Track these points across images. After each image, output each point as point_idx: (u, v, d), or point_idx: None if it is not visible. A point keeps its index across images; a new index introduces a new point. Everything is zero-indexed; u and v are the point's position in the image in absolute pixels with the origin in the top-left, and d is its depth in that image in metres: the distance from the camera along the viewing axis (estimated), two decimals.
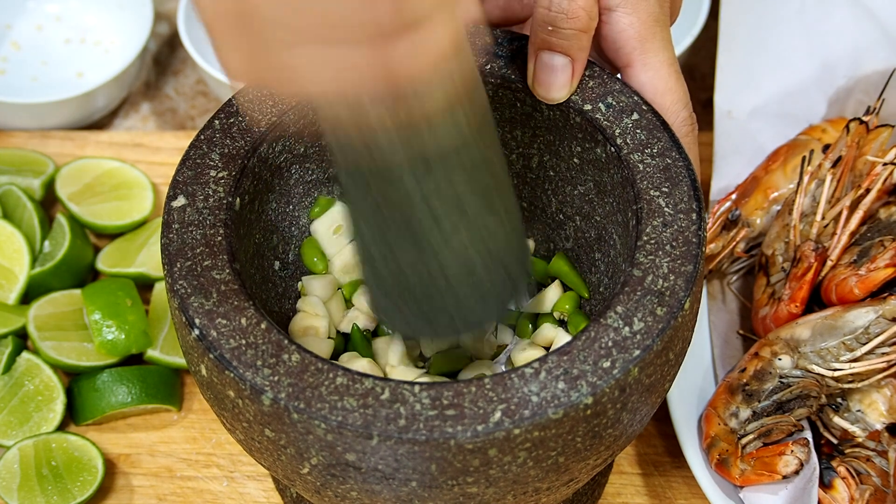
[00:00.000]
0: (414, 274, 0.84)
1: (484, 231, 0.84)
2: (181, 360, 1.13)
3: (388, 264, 0.85)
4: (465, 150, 0.80)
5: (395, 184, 0.80)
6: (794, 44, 1.22)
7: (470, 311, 0.87)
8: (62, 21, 1.42)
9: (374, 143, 0.77)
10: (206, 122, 0.90)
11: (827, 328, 1.02)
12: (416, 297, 0.86)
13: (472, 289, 0.86)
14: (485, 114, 0.82)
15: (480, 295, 0.86)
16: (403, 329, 0.91)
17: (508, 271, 0.87)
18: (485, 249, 0.84)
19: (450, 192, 0.81)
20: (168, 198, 0.87)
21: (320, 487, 0.83)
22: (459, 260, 0.84)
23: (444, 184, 0.80)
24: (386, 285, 0.87)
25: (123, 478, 1.10)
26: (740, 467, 1.00)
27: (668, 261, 0.83)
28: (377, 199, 0.81)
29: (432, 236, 0.82)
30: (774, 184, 1.14)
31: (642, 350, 0.80)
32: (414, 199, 0.80)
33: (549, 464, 0.81)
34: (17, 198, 1.22)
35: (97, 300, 1.12)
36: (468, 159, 0.81)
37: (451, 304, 0.86)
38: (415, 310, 0.87)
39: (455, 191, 0.81)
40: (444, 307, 0.86)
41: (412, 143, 0.77)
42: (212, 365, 0.81)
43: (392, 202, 0.81)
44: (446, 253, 0.83)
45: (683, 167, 0.87)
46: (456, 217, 0.82)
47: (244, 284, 0.84)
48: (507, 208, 0.86)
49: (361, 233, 0.85)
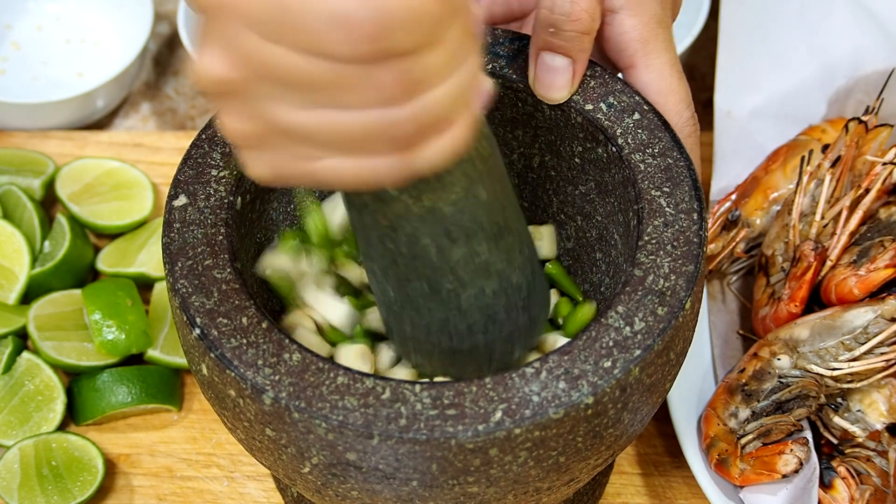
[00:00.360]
0: (440, 329, 0.87)
1: (506, 285, 0.86)
2: (182, 359, 1.13)
3: (413, 320, 0.87)
4: (485, 218, 0.82)
5: (420, 254, 0.82)
6: (794, 44, 1.22)
7: (494, 354, 0.89)
8: (62, 21, 1.42)
9: (398, 224, 0.80)
10: (207, 122, 0.90)
11: (826, 328, 1.02)
12: (442, 348, 0.88)
13: (497, 336, 0.88)
14: (500, 173, 0.84)
15: (504, 340, 0.88)
16: (428, 371, 0.92)
17: (530, 314, 0.89)
18: (507, 301, 0.87)
19: (473, 258, 0.83)
20: (169, 197, 0.87)
21: (321, 487, 0.83)
22: (483, 314, 0.86)
23: (467, 250, 0.82)
24: (410, 337, 0.89)
25: (123, 478, 1.10)
26: (740, 467, 1.00)
27: (669, 261, 0.83)
28: (401, 266, 0.83)
29: (457, 296, 0.85)
30: (774, 184, 1.14)
31: (643, 350, 0.80)
32: (439, 266, 0.83)
33: (549, 463, 0.80)
34: (17, 198, 1.22)
35: (97, 300, 1.12)
36: (489, 226, 0.82)
37: (476, 352, 0.88)
38: (443, 358, 0.89)
39: (478, 255, 0.83)
40: (469, 355, 0.88)
41: (435, 219, 0.80)
42: (213, 364, 0.81)
43: (417, 270, 0.83)
44: (471, 310, 0.85)
45: (684, 167, 0.87)
46: (479, 278, 0.84)
47: (245, 284, 0.84)
48: (526, 257, 0.88)
49: (384, 291, 0.87)
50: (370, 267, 0.86)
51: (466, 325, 0.86)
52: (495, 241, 0.84)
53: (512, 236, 0.85)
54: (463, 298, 0.85)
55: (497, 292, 0.86)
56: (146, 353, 1.14)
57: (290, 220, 0.96)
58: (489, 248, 0.83)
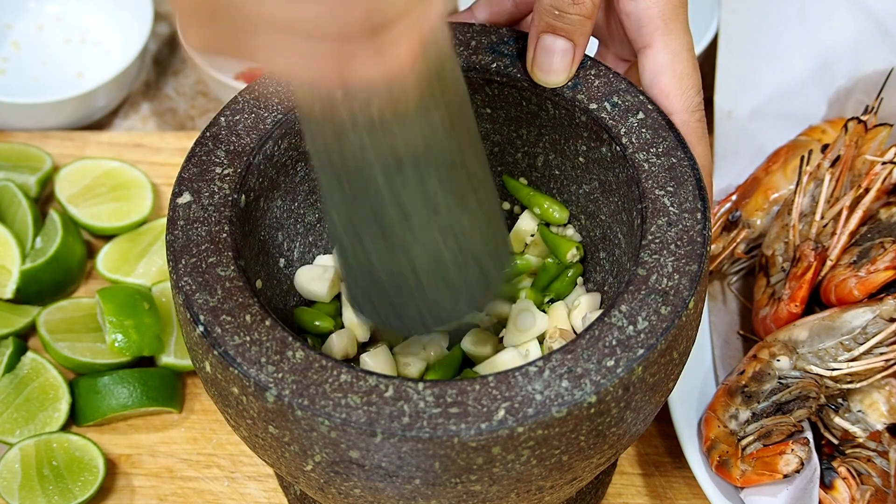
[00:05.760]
0: (383, 267, 0.84)
1: (457, 229, 0.83)
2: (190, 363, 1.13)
3: (357, 255, 0.84)
4: (438, 149, 0.79)
5: (365, 179, 0.79)
6: (794, 44, 1.22)
7: (440, 306, 0.86)
8: (62, 21, 1.42)
9: (344, 137, 0.77)
10: (211, 120, 0.90)
11: (825, 329, 1.02)
12: (385, 289, 0.85)
13: (443, 285, 0.85)
14: (463, 111, 0.82)
15: (451, 291, 0.85)
16: (374, 318, 0.90)
17: (483, 268, 0.86)
18: (457, 247, 0.84)
19: (421, 190, 0.80)
20: (173, 194, 0.87)
21: (324, 485, 0.82)
22: (429, 256, 0.83)
23: (415, 182, 0.80)
24: (356, 275, 0.86)
25: (124, 478, 1.10)
26: (741, 468, 1.00)
27: (672, 260, 0.83)
28: (347, 190, 0.81)
29: (402, 232, 0.82)
30: (775, 185, 1.15)
31: (646, 349, 0.80)
32: (384, 196, 0.80)
33: (552, 462, 0.80)
34: (12, 194, 1.22)
35: (115, 300, 1.12)
36: (441, 158, 0.80)
37: (420, 299, 0.85)
38: (384, 301, 0.86)
39: (426, 189, 0.80)
40: (413, 301, 0.85)
41: (383, 141, 0.77)
42: (216, 361, 0.81)
43: (362, 196, 0.80)
44: (416, 249, 0.82)
45: (689, 166, 0.87)
46: (427, 214, 0.81)
47: (249, 281, 0.84)
48: (484, 205, 0.85)
49: (332, 221, 0.84)
50: (322, 193, 0.84)
51: (410, 265, 0.83)
52: (446, 171, 0.81)
53: (467, 177, 0.83)
54: (408, 233, 0.82)
55: (445, 234, 0.83)
56: (160, 360, 1.14)
57: (295, 217, 0.96)
58: (438, 177, 0.81)
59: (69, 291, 1.21)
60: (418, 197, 0.80)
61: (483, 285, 0.87)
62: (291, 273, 0.97)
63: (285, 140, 0.92)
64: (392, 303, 0.86)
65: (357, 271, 0.86)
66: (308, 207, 0.97)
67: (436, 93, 0.77)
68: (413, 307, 0.85)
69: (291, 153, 0.93)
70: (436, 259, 0.83)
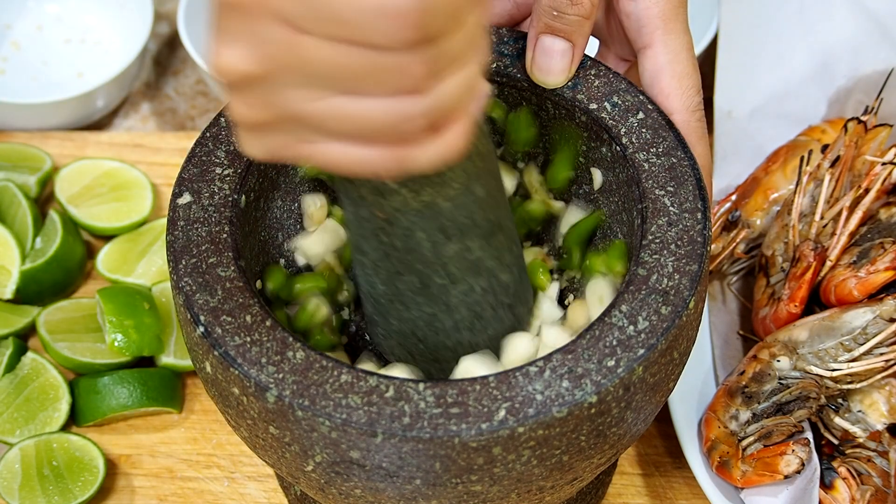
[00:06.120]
0: (426, 325, 0.87)
1: (496, 287, 0.86)
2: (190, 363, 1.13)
3: (402, 319, 0.87)
4: (480, 216, 0.82)
5: (414, 249, 0.82)
6: (794, 44, 1.22)
7: (474, 349, 0.89)
8: (62, 21, 1.42)
9: (395, 219, 0.80)
10: (212, 120, 0.90)
11: (825, 329, 1.02)
12: (426, 344, 0.88)
13: (480, 332, 0.88)
14: (498, 180, 0.84)
15: (487, 338, 0.89)
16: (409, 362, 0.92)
17: (514, 312, 0.90)
18: (496, 301, 0.87)
19: (466, 258, 0.83)
20: (173, 195, 0.87)
21: (324, 485, 0.82)
22: (472, 314, 0.86)
23: (460, 251, 0.82)
24: (394, 331, 0.89)
25: (124, 478, 1.10)
26: (741, 469, 1.00)
27: (672, 260, 0.83)
28: (395, 264, 0.83)
29: (447, 292, 0.85)
30: (774, 185, 1.15)
31: (647, 349, 0.80)
32: (431, 267, 0.83)
33: (553, 462, 0.80)
34: (12, 195, 1.22)
35: (115, 300, 1.12)
36: (483, 226, 0.83)
37: (459, 348, 0.88)
38: (423, 353, 0.89)
39: (471, 253, 0.83)
40: (453, 350, 0.88)
41: (431, 221, 0.80)
42: (216, 362, 0.81)
43: (409, 264, 0.83)
44: (459, 306, 0.86)
45: (689, 166, 0.87)
46: (471, 279, 0.84)
47: (249, 282, 0.84)
48: (514, 256, 0.88)
49: (372, 285, 0.87)
50: (360, 261, 0.86)
51: (453, 322, 0.86)
52: (488, 238, 0.84)
53: (503, 235, 0.86)
54: (452, 294, 0.85)
55: (486, 290, 0.86)
56: (160, 361, 1.14)
57: (295, 218, 0.96)
58: (481, 245, 0.84)
59: (69, 291, 1.21)
60: (464, 265, 0.83)
61: (514, 328, 0.90)
62: (291, 273, 0.97)
63: None
64: (431, 354, 0.89)
65: (397, 328, 0.88)
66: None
67: (476, 163, 0.80)
68: (452, 355, 0.88)
69: None
70: (477, 316, 0.87)
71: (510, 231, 0.87)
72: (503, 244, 0.86)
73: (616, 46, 0.96)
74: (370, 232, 0.82)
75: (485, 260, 0.84)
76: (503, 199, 0.86)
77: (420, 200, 0.79)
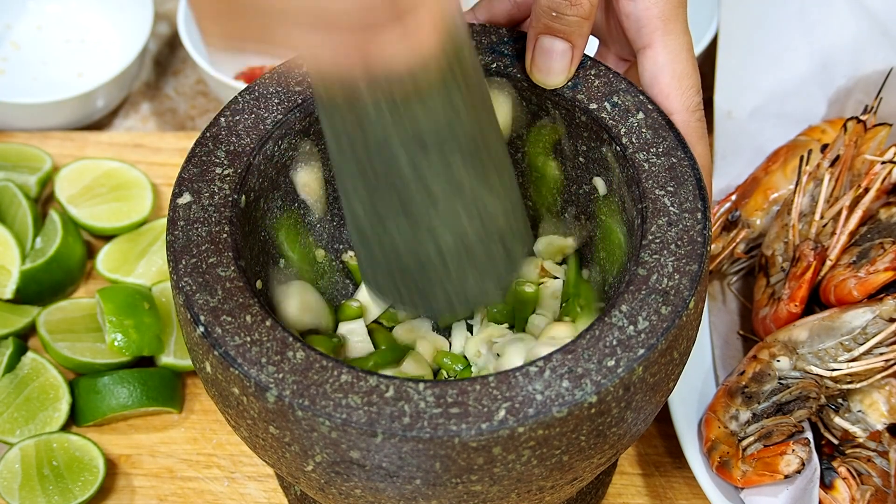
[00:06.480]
0: (409, 252, 0.84)
1: (481, 208, 0.83)
2: (190, 363, 1.13)
3: (383, 243, 0.84)
4: (460, 130, 0.80)
5: (390, 164, 0.79)
6: (794, 44, 1.22)
7: (467, 288, 0.86)
8: (62, 21, 1.42)
9: (368, 123, 0.78)
10: (211, 120, 0.91)
11: (824, 329, 1.02)
12: (412, 274, 0.85)
13: (469, 266, 0.85)
14: (482, 94, 0.82)
15: (477, 272, 0.86)
16: (399, 304, 0.90)
17: (507, 247, 0.87)
18: (482, 226, 0.84)
19: (445, 172, 0.80)
20: (173, 195, 0.87)
21: (324, 485, 0.82)
22: (456, 238, 0.83)
23: (439, 163, 0.80)
24: (380, 263, 0.86)
25: (124, 478, 1.10)
26: (741, 469, 1.00)
27: (672, 260, 0.83)
28: (371, 178, 0.81)
29: (428, 215, 0.82)
30: (774, 184, 1.15)
31: (647, 349, 0.80)
32: (409, 180, 0.80)
33: (553, 462, 0.80)
34: (12, 195, 1.22)
35: (115, 300, 1.12)
36: (464, 138, 0.80)
37: (447, 282, 0.86)
38: (411, 287, 0.86)
39: (450, 170, 0.81)
40: (440, 285, 0.86)
41: (406, 124, 0.77)
42: (216, 362, 0.81)
43: (386, 183, 0.81)
44: (442, 231, 0.83)
45: (689, 166, 0.87)
46: (452, 196, 0.82)
47: (249, 282, 0.84)
48: (506, 186, 0.86)
49: (354, 211, 0.85)
50: (342, 185, 0.84)
51: (437, 248, 0.84)
52: (471, 156, 0.81)
53: (490, 158, 0.83)
54: (434, 216, 0.82)
55: (471, 214, 0.83)
56: (160, 361, 1.14)
57: (294, 218, 0.96)
58: (463, 162, 0.81)
59: (69, 291, 1.21)
60: (443, 178, 0.81)
61: (508, 265, 0.87)
62: (291, 273, 0.97)
63: (285, 140, 0.92)
64: (419, 288, 0.86)
65: (381, 259, 0.86)
66: (308, 208, 0.97)
67: (456, 74, 0.78)
68: (441, 291, 0.86)
69: (291, 153, 0.93)
70: (462, 240, 0.84)
71: (499, 157, 0.85)
72: (489, 167, 0.83)
73: (616, 46, 0.96)
74: (347, 145, 0.80)
75: (465, 175, 0.82)
76: (493, 130, 0.84)
77: (393, 105, 0.76)
